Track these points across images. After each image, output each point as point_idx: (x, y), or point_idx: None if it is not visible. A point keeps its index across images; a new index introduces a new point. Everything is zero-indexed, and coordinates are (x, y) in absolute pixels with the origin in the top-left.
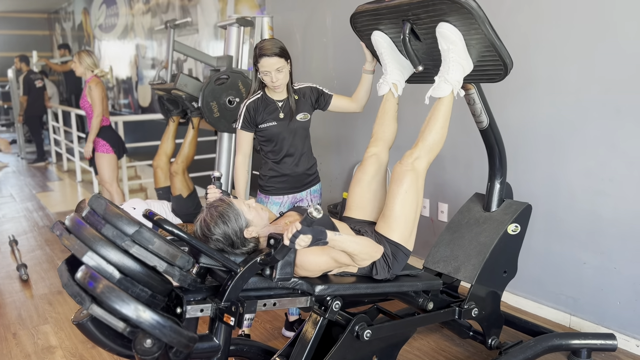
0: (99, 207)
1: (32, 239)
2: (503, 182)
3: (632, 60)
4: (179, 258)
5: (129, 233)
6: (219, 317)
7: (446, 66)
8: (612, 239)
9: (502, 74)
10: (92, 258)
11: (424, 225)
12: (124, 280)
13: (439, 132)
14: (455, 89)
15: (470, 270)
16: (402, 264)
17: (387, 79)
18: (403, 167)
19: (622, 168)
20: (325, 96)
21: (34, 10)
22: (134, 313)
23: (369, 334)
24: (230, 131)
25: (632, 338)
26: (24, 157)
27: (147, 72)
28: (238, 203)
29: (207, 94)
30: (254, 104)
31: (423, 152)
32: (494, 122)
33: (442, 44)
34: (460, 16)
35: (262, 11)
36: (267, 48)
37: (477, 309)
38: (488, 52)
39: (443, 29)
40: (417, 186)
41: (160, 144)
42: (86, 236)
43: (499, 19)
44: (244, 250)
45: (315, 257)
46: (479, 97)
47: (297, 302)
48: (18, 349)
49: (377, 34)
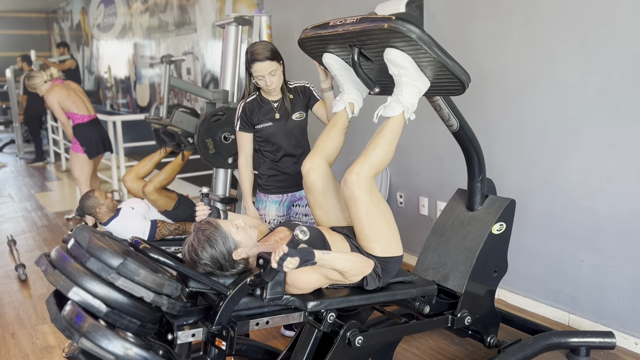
0: (83, 240)
1: (31, 238)
2: (483, 180)
3: (630, 59)
4: (167, 287)
5: (113, 266)
6: (210, 341)
7: (399, 89)
8: (610, 237)
9: (460, 89)
10: (78, 293)
11: (423, 224)
12: (111, 314)
13: (384, 149)
14: (407, 112)
15: (459, 278)
16: (394, 271)
17: (344, 97)
18: (348, 188)
19: (620, 166)
20: (313, 99)
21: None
22: (121, 351)
23: (360, 340)
24: (226, 167)
25: (630, 336)
26: (22, 157)
27: (146, 71)
28: (226, 225)
29: (202, 131)
30: (250, 105)
31: (364, 167)
32: (464, 122)
33: (392, 70)
34: (406, 42)
35: (260, 10)
36: (259, 52)
37: (470, 317)
38: (442, 72)
39: (391, 55)
40: (373, 199)
41: (138, 164)
42: (71, 271)
43: (497, 18)
44: (233, 272)
45: (306, 275)
46: (445, 103)
47: (290, 318)
48: (16, 349)
49: (327, 57)
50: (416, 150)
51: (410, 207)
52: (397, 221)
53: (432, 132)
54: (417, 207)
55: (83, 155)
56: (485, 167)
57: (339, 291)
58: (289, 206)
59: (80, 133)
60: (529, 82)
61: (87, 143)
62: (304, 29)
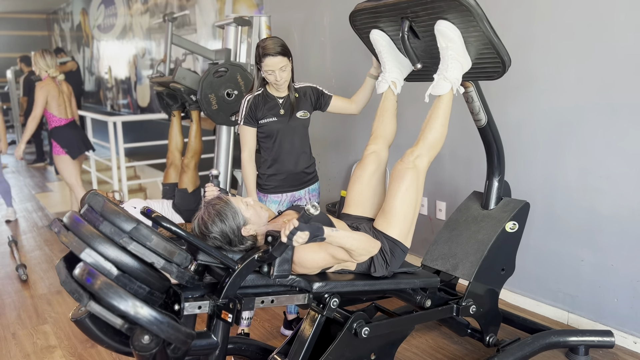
0: (97, 205)
1: (32, 239)
2: (501, 180)
3: (628, 58)
4: (177, 255)
5: (126, 230)
6: (216, 314)
7: (445, 64)
8: (609, 236)
9: (500, 72)
10: (90, 255)
11: (422, 223)
12: (121, 277)
13: (439, 130)
14: (454, 87)
15: (468, 267)
16: (400, 261)
17: (386, 77)
18: (404, 165)
19: (619, 165)
20: (325, 97)
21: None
22: (131, 309)
23: (367, 331)
24: (229, 124)
25: (629, 335)
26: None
27: (146, 72)
28: (236, 201)
29: (205, 86)
30: (255, 99)
31: (424, 150)
32: (492, 120)
33: (440, 42)
34: (459, 14)
35: (260, 10)
36: (271, 47)
37: (475, 306)
38: (486, 50)
39: (441, 26)
40: (418, 184)
41: (169, 141)
42: (84, 233)
43: (496, 17)
44: (241, 248)
45: (313, 253)
46: (477, 95)
47: (294, 299)
48: (17, 348)
49: (375, 33)
50: None
51: None
52: None
53: None
54: None
55: (66, 157)
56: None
57: (344, 275)
58: (288, 206)
59: (59, 135)
60: (528, 81)
61: (67, 144)
62: (359, 3)
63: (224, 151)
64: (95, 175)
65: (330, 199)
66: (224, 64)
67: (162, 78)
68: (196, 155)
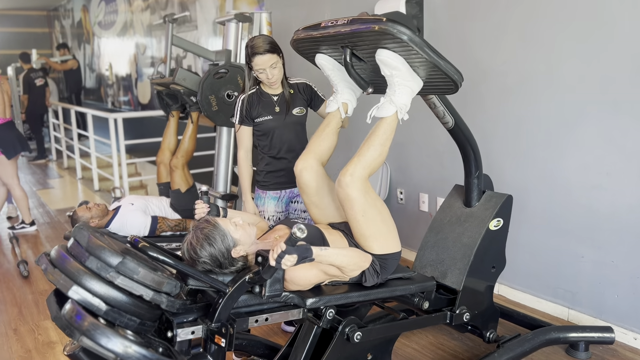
0: (82, 239)
1: (33, 235)
2: (480, 176)
3: (629, 55)
4: (166, 284)
5: (113, 264)
6: (210, 338)
7: (392, 89)
8: (609, 232)
9: (454, 89)
10: (78, 292)
11: (423, 220)
12: (111, 312)
13: (377, 149)
14: (400, 112)
15: (457, 275)
16: (392, 268)
17: (338, 98)
18: (343, 189)
19: (619, 162)
20: (317, 99)
21: (33, 8)
22: (121, 349)
23: (359, 336)
24: (229, 125)
25: (629, 331)
26: (24, 154)
27: (147, 69)
28: (224, 223)
29: (205, 87)
30: (249, 98)
31: (358, 168)
32: (459, 119)
33: (384, 70)
34: (397, 44)
35: (260, 7)
36: (259, 46)
37: (468, 313)
38: (434, 72)
39: (382, 56)
40: (369, 199)
41: (163, 140)
42: (70, 270)
43: (497, 14)
44: (232, 270)
45: (305, 271)
46: (439, 101)
47: (289, 315)
48: (19, 344)
49: (320, 57)
50: (416, 147)
51: (411, 204)
52: (398, 218)
53: (432, 128)
54: (418, 203)
55: (2, 157)
56: (482, 163)
57: (337, 288)
58: (287, 202)
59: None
60: (528, 78)
61: (3, 144)
62: (296, 31)
63: (225, 148)
64: (96, 172)
65: None
66: (225, 65)
67: (162, 79)
68: (186, 156)
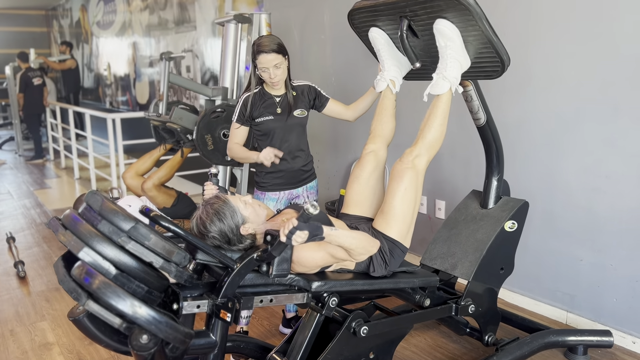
0: (95, 204)
1: (30, 236)
2: (500, 179)
3: (629, 57)
4: (175, 254)
5: (125, 229)
6: (215, 313)
7: (444, 63)
8: (608, 236)
9: (499, 71)
10: (88, 254)
11: (421, 222)
12: (120, 277)
13: (438, 130)
14: (453, 86)
15: (467, 267)
16: (399, 260)
17: (385, 75)
18: (403, 164)
19: (619, 165)
20: (322, 98)
21: (31, 7)
22: (130, 309)
23: (365, 330)
24: (224, 164)
25: (628, 335)
26: (21, 154)
27: (145, 69)
28: (234, 200)
29: (202, 127)
30: (251, 98)
31: (423, 150)
32: (491, 119)
33: (439, 41)
34: (458, 13)
35: (260, 8)
36: (265, 44)
37: (473, 305)
38: (485, 49)
39: (440, 25)
40: (417, 184)
41: (137, 161)
42: (82, 232)
43: (496, 15)
44: (240, 247)
45: (312, 252)
46: (477, 94)
47: (293, 298)
48: (15, 345)
49: (374, 31)
50: None
51: None
52: None
53: None
54: None
55: None
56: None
57: (343, 275)
58: (286, 204)
59: None
60: (528, 80)
61: None
62: (357, 1)
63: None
64: (93, 172)
65: (329, 197)
66: (221, 105)
67: (159, 117)
68: (159, 182)
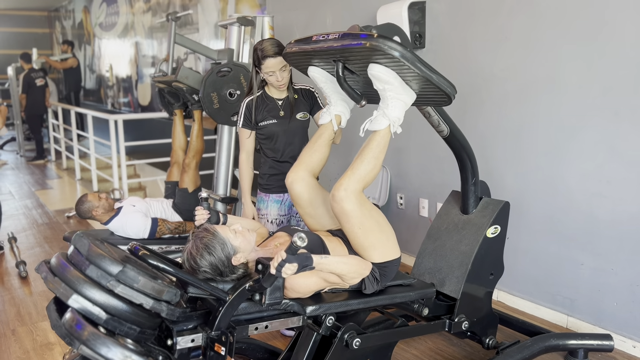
0: (82, 248)
1: (31, 236)
2: (476, 183)
3: (631, 63)
4: (166, 293)
5: (113, 273)
6: (209, 346)
7: (385, 103)
8: (609, 240)
9: (447, 101)
10: (77, 301)
11: (423, 225)
12: (111, 321)
13: (370, 162)
14: (393, 126)
15: (455, 283)
16: (393, 274)
17: (331, 110)
18: (338, 203)
19: (620, 170)
20: (316, 107)
21: (34, 8)
22: (120, 359)
23: (358, 342)
24: (229, 124)
25: (628, 339)
26: (23, 154)
27: (147, 70)
28: (223, 231)
29: (208, 84)
30: (254, 102)
31: (351, 182)
32: (455, 127)
33: (376, 85)
34: (389, 59)
35: (262, 11)
36: (270, 49)
37: (467, 321)
38: (427, 85)
39: (374, 71)
40: (364, 210)
41: (173, 140)
42: (70, 279)
43: (499, 20)
44: (233, 277)
45: (305, 279)
46: (434, 110)
47: (289, 322)
48: (17, 345)
49: (312, 70)
50: (416, 152)
51: (411, 209)
52: (397, 223)
53: (432, 134)
54: (418, 208)
55: None
56: (478, 170)
57: (337, 295)
58: (289, 205)
59: None
60: (530, 85)
61: None
62: (288, 43)
63: (225, 151)
64: (95, 173)
65: None
66: (228, 63)
67: (164, 77)
68: (197, 155)
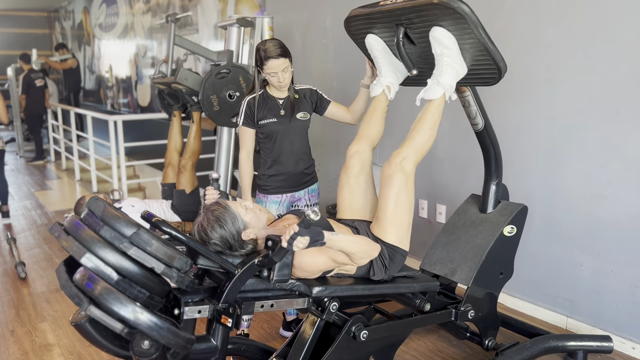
0: (97, 209)
1: (31, 237)
2: (499, 184)
3: (631, 63)
4: (177, 260)
5: (127, 235)
6: (216, 318)
7: (439, 69)
8: (609, 241)
9: (496, 78)
10: (90, 260)
11: (422, 227)
12: (122, 282)
13: (427, 133)
14: (447, 93)
15: (467, 272)
16: (399, 265)
17: (382, 81)
18: (391, 168)
19: (620, 171)
20: (324, 101)
21: (33, 9)
22: (131, 315)
23: (365, 334)
24: (229, 125)
25: (628, 340)
26: (22, 155)
27: (147, 71)
28: (235, 205)
29: (207, 87)
30: (255, 100)
31: (410, 152)
32: (489, 124)
33: (435, 48)
34: (454, 21)
35: (262, 12)
36: (272, 50)
37: (473, 310)
38: (482, 56)
39: (436, 33)
40: (408, 186)
41: (169, 141)
42: (84, 238)
43: (500, 20)
44: (242, 252)
45: (313, 257)
46: (474, 100)
47: (294, 303)
48: (16, 346)
49: (370, 38)
50: None
51: None
52: None
53: None
54: (417, 209)
55: None
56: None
57: (343, 280)
58: (288, 207)
59: None
60: (530, 85)
61: None
62: (353, 9)
63: (225, 152)
64: (94, 174)
65: (330, 200)
66: (227, 65)
67: (164, 79)
68: (194, 156)
